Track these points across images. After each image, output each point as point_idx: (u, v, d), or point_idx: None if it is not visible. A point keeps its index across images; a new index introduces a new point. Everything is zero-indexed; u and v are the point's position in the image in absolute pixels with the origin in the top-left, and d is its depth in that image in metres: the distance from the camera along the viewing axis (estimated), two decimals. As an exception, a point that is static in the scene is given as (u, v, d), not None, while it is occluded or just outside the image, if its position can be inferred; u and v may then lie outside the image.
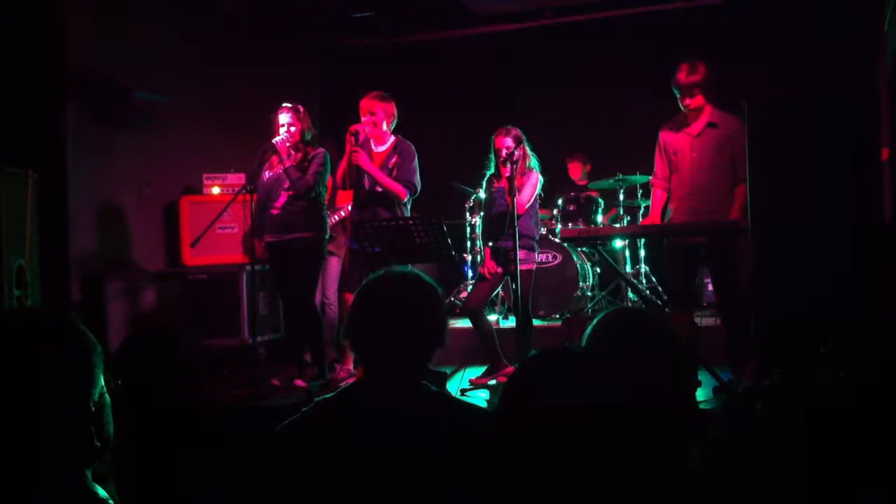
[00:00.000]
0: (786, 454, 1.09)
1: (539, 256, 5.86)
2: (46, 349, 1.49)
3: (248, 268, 6.14)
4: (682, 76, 5.01)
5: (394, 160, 5.53)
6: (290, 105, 5.58)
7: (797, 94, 5.70)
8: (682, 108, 5.12)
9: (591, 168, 8.07)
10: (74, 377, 1.50)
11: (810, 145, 4.35)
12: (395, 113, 5.61)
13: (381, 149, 5.61)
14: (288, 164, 5.46)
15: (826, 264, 4.22)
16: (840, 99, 4.45)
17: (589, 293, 7.26)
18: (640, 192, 7.44)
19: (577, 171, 8.05)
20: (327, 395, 2.08)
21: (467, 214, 7.68)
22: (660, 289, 7.03)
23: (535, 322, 5.80)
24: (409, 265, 2.26)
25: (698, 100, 5.02)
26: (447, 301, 7.61)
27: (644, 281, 7.19)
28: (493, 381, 5.42)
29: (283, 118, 5.54)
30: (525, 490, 1.33)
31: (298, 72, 8.34)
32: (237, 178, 6.81)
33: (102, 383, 1.54)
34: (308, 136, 5.57)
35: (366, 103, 5.53)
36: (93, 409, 1.51)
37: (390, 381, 2.00)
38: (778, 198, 4.41)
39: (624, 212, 7.38)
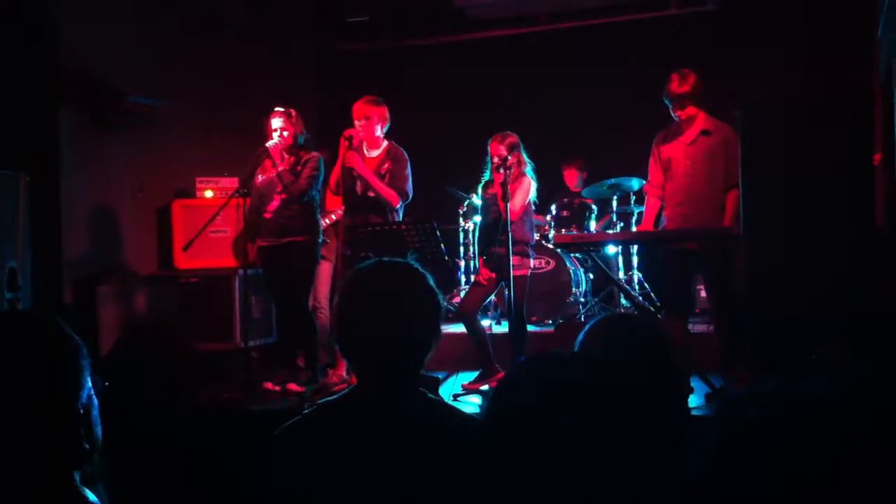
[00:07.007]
0: (780, 461, 1.08)
1: (532, 262, 5.86)
2: (31, 351, 1.48)
3: (241, 271, 6.13)
4: (674, 87, 5.07)
5: (386, 166, 5.52)
6: (281, 109, 5.58)
7: (791, 97, 5.71)
8: (674, 117, 5.16)
9: (588, 176, 8.06)
10: (61, 379, 1.49)
11: (804, 149, 4.36)
12: (388, 116, 5.60)
13: (374, 154, 5.60)
14: (281, 168, 5.46)
15: (819, 268, 4.22)
16: (835, 103, 4.46)
17: (582, 299, 7.25)
18: (633, 198, 7.44)
19: (573, 178, 8.03)
20: (327, 399, 2.01)
21: (461, 220, 7.67)
22: (652, 295, 7.02)
23: (529, 328, 5.80)
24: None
25: (689, 111, 5.08)
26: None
27: (637, 287, 7.19)
28: (485, 387, 5.42)
29: (276, 122, 5.54)
30: (515, 495, 1.32)
31: (293, 76, 8.33)
32: (230, 182, 6.79)
33: (90, 385, 1.53)
34: (301, 140, 5.57)
35: (359, 107, 5.52)
36: (80, 411, 1.50)
37: (383, 387, 1.94)
38: (771, 202, 4.42)
39: (617, 218, 7.38)
